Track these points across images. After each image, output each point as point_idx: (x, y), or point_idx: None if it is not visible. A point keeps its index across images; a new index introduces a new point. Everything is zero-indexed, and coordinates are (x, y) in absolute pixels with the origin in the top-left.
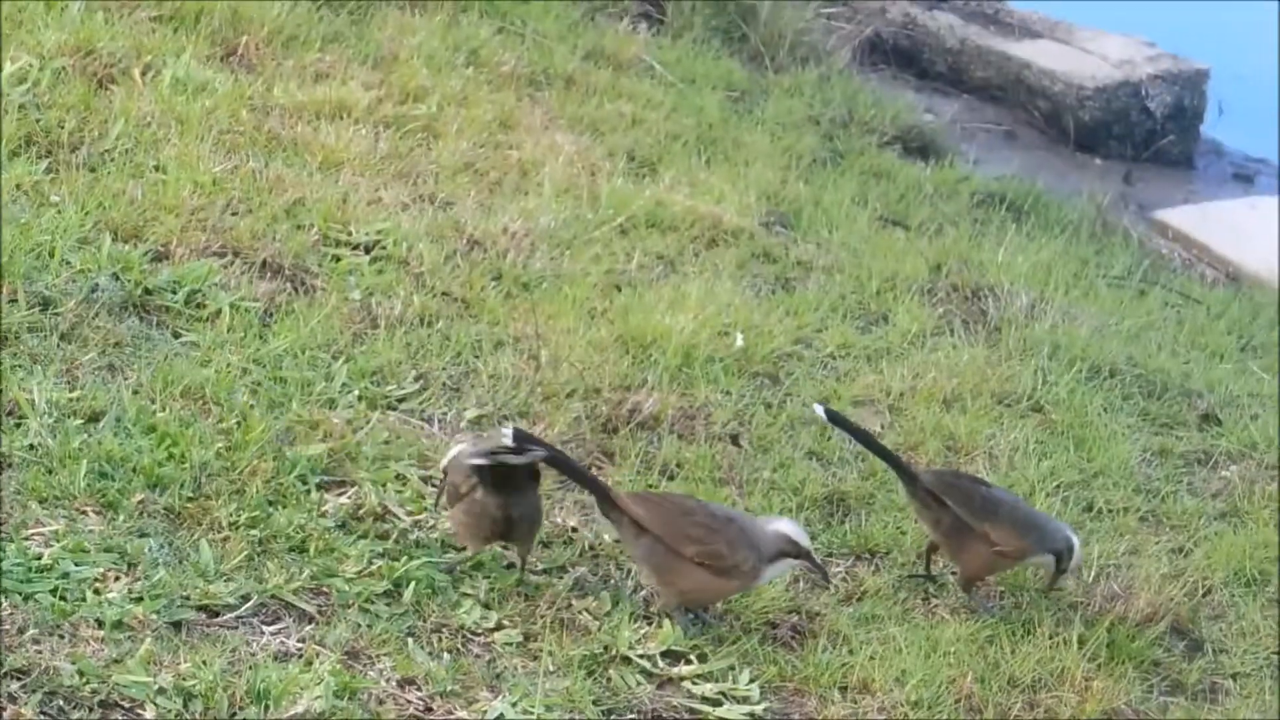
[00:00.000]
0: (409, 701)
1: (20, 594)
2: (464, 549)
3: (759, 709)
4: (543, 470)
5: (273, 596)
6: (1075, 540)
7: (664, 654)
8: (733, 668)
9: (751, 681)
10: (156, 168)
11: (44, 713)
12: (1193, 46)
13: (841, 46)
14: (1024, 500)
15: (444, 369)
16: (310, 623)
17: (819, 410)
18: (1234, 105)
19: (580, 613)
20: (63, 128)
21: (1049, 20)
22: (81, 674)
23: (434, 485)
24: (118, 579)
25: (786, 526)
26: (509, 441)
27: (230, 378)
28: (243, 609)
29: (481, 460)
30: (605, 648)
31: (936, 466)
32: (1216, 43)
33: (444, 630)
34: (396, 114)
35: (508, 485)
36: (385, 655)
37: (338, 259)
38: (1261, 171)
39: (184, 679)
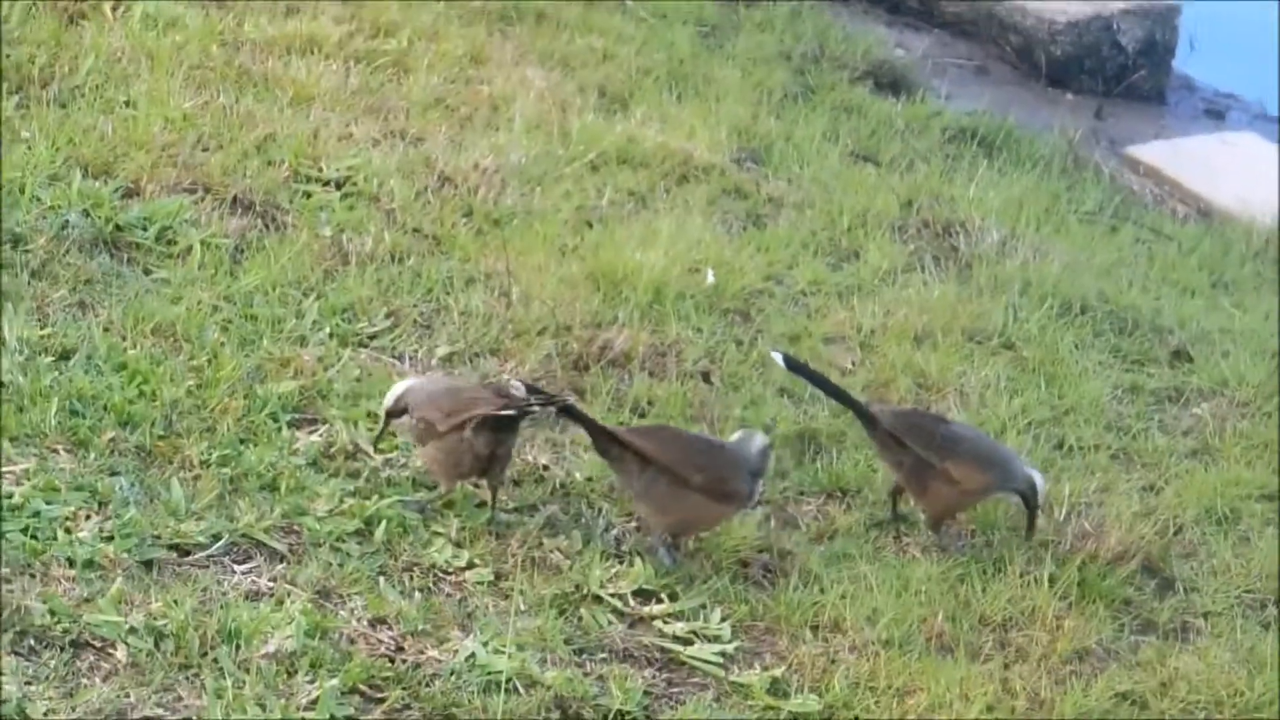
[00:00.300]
0: (380, 641)
1: None
2: (435, 486)
3: (730, 648)
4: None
5: (244, 535)
6: (1038, 477)
7: (635, 593)
8: (704, 607)
9: (723, 620)
10: (127, 103)
11: (15, 652)
12: None
13: None
14: (986, 435)
15: (415, 306)
16: (281, 561)
17: (777, 358)
18: (1205, 40)
19: (551, 551)
20: (33, 63)
21: None
22: (53, 613)
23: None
24: (89, 518)
25: (762, 441)
26: (520, 393)
27: (201, 315)
28: (214, 548)
29: (505, 409)
30: (576, 586)
31: (897, 406)
32: None
33: (415, 569)
34: (367, 49)
35: (501, 428)
36: (356, 594)
37: (308, 195)
38: (1233, 107)
39: (155, 618)
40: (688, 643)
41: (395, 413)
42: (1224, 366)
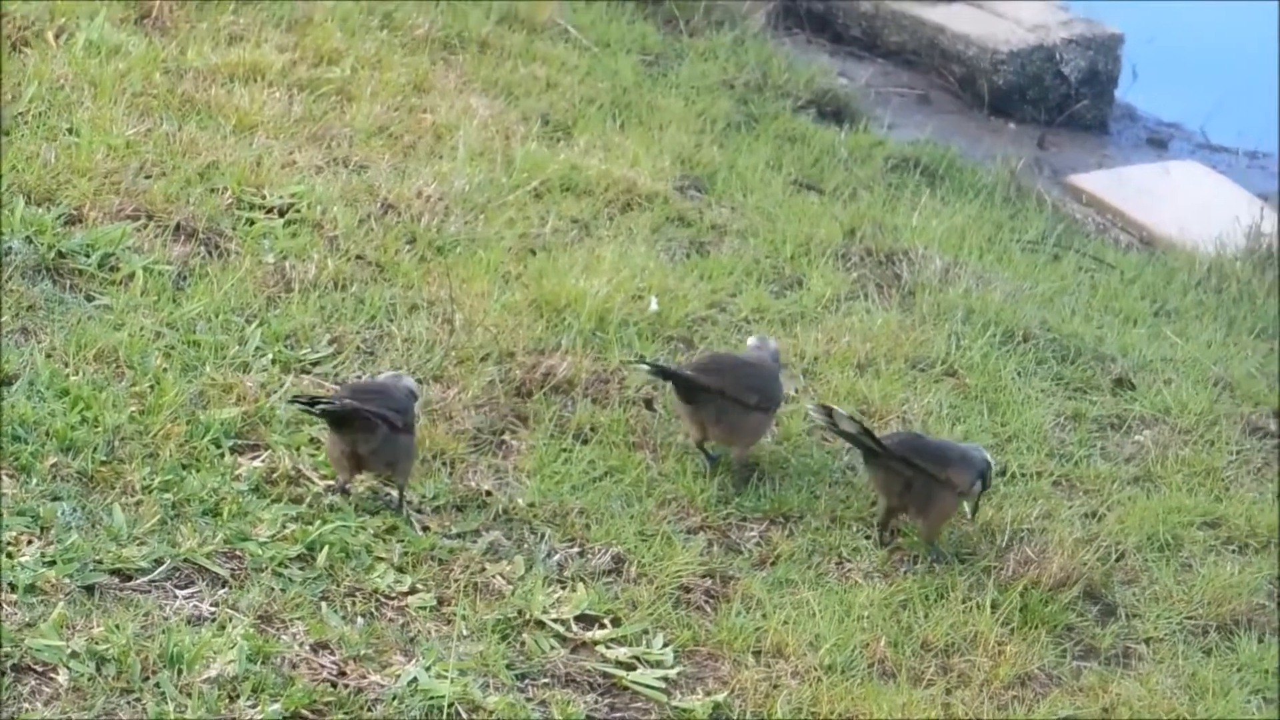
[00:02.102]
0: (322, 665)
1: None
2: (376, 512)
3: (673, 673)
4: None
5: (186, 560)
6: (986, 454)
7: (578, 618)
8: (646, 632)
9: (665, 645)
10: (70, 131)
11: None
12: (1107, 10)
13: (756, 10)
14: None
15: (358, 332)
16: (223, 586)
17: (812, 411)
18: (1148, 70)
19: (494, 577)
20: None
21: None
22: None
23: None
24: (30, 542)
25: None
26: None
27: (144, 341)
28: (156, 573)
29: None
30: (519, 612)
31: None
32: (1131, 7)
33: (358, 594)
34: (310, 77)
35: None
36: (298, 619)
37: (252, 222)
38: (1175, 136)
39: (97, 643)
40: (630, 668)
41: None
42: (1166, 394)
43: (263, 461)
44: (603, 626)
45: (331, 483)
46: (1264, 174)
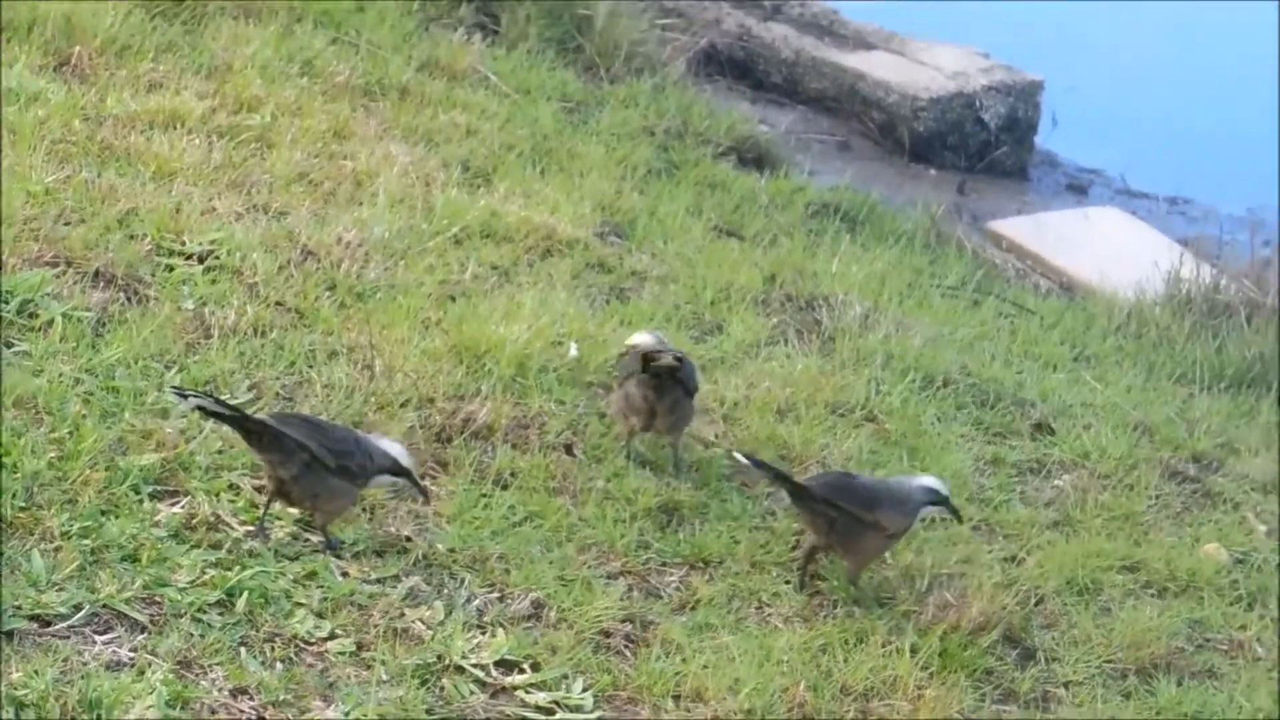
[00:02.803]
0: (241, 711)
1: None
2: (296, 557)
3: (592, 718)
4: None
5: (105, 606)
6: (930, 480)
7: (497, 663)
8: (566, 676)
9: (585, 690)
10: None
11: None
12: (1027, 58)
13: (677, 57)
14: (878, 478)
15: (278, 378)
16: (143, 632)
17: (739, 457)
18: (1068, 116)
19: (414, 622)
20: None
21: (884, 32)
22: None
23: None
24: None
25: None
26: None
27: (63, 387)
28: (75, 618)
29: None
30: (438, 657)
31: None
32: (1051, 54)
33: (277, 639)
34: (230, 124)
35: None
36: (218, 665)
37: (171, 269)
38: (1095, 182)
39: (16, 688)
40: (550, 713)
41: None
42: (1085, 439)
43: (182, 507)
44: (522, 671)
45: (251, 528)
46: (1184, 220)
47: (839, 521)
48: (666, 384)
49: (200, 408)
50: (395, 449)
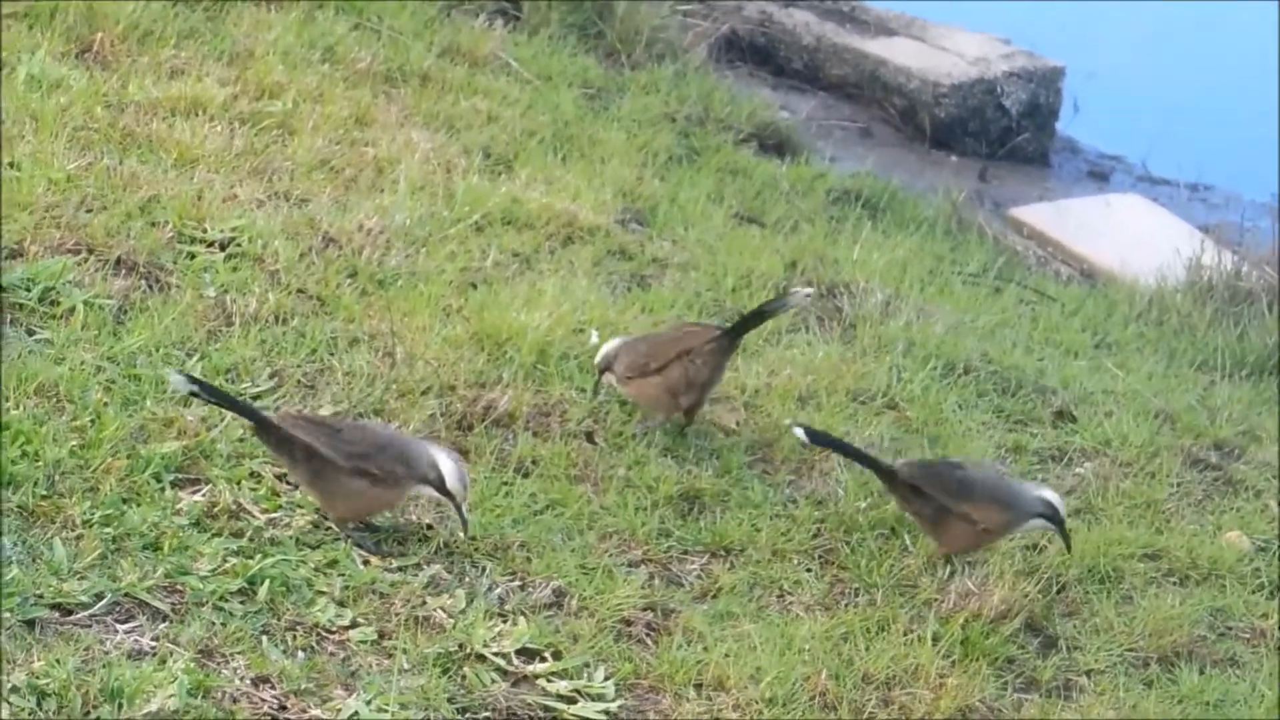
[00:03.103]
0: (263, 700)
1: None
2: (317, 545)
3: (613, 706)
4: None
5: (126, 595)
6: (1049, 494)
7: (519, 651)
8: (587, 665)
9: (606, 679)
10: (11, 165)
11: None
12: (1048, 44)
13: (698, 44)
14: (1000, 473)
15: (299, 366)
16: (164, 621)
17: (799, 433)
18: (1089, 102)
19: (435, 610)
20: None
21: (905, 18)
22: None
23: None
24: None
25: None
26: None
27: (84, 375)
28: (96, 607)
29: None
30: (460, 645)
31: (912, 459)
32: (1071, 40)
33: (298, 628)
34: (252, 110)
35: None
36: (239, 653)
37: (192, 256)
38: (1116, 168)
39: (37, 677)
40: (571, 701)
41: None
42: (1107, 427)
43: (203, 496)
44: (544, 660)
45: (274, 516)
46: (1205, 206)
47: (924, 507)
48: (732, 349)
49: (194, 393)
50: (447, 465)
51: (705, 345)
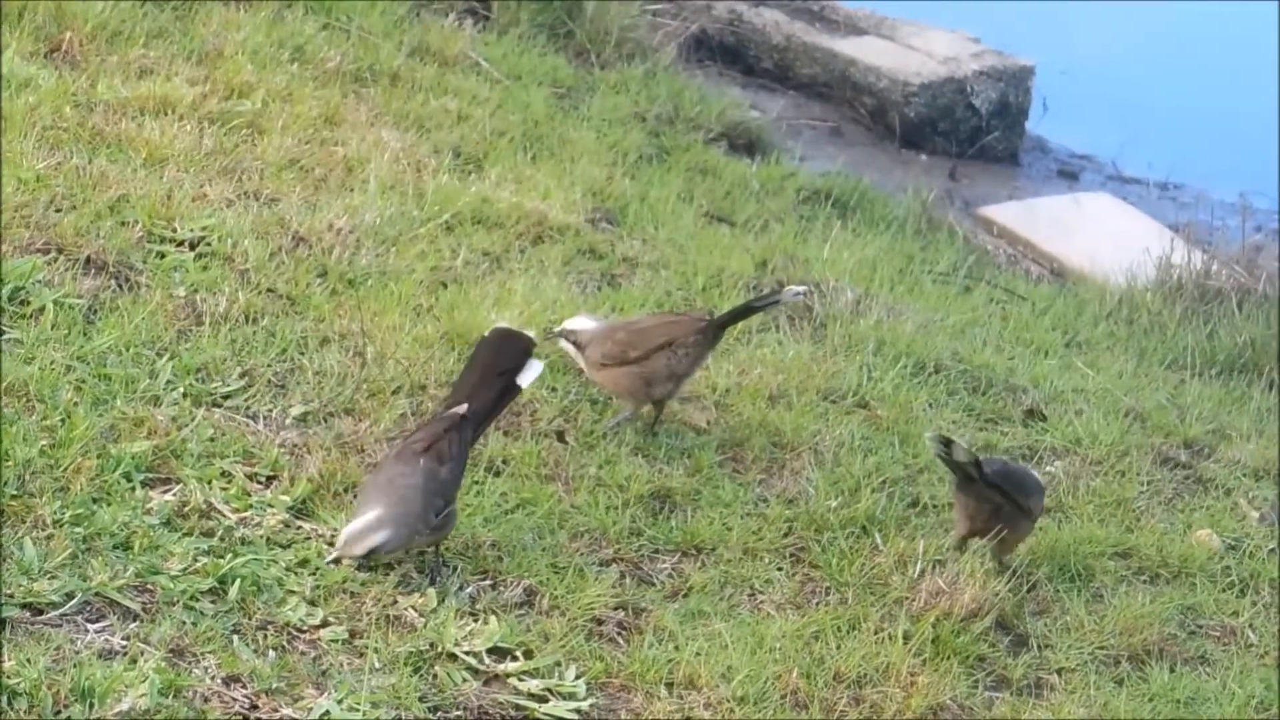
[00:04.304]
0: (234, 699)
1: None
2: (288, 545)
3: (585, 705)
4: None
5: (97, 594)
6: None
7: (490, 650)
8: (559, 664)
9: (578, 678)
10: None
11: None
12: (1018, 43)
13: (667, 43)
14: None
15: (269, 365)
16: (135, 620)
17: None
18: (1059, 102)
19: (406, 609)
20: None
21: (875, 16)
22: None
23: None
24: None
25: None
26: None
27: (54, 375)
28: (67, 607)
29: None
30: (431, 644)
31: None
32: (1041, 39)
33: (269, 627)
34: (221, 110)
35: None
36: (210, 653)
37: (162, 255)
38: (1086, 167)
39: (7, 677)
40: (542, 700)
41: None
42: (1077, 425)
43: (174, 495)
44: (515, 659)
45: (245, 515)
46: (1175, 205)
47: (1005, 508)
48: (715, 341)
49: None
50: None
51: (690, 337)
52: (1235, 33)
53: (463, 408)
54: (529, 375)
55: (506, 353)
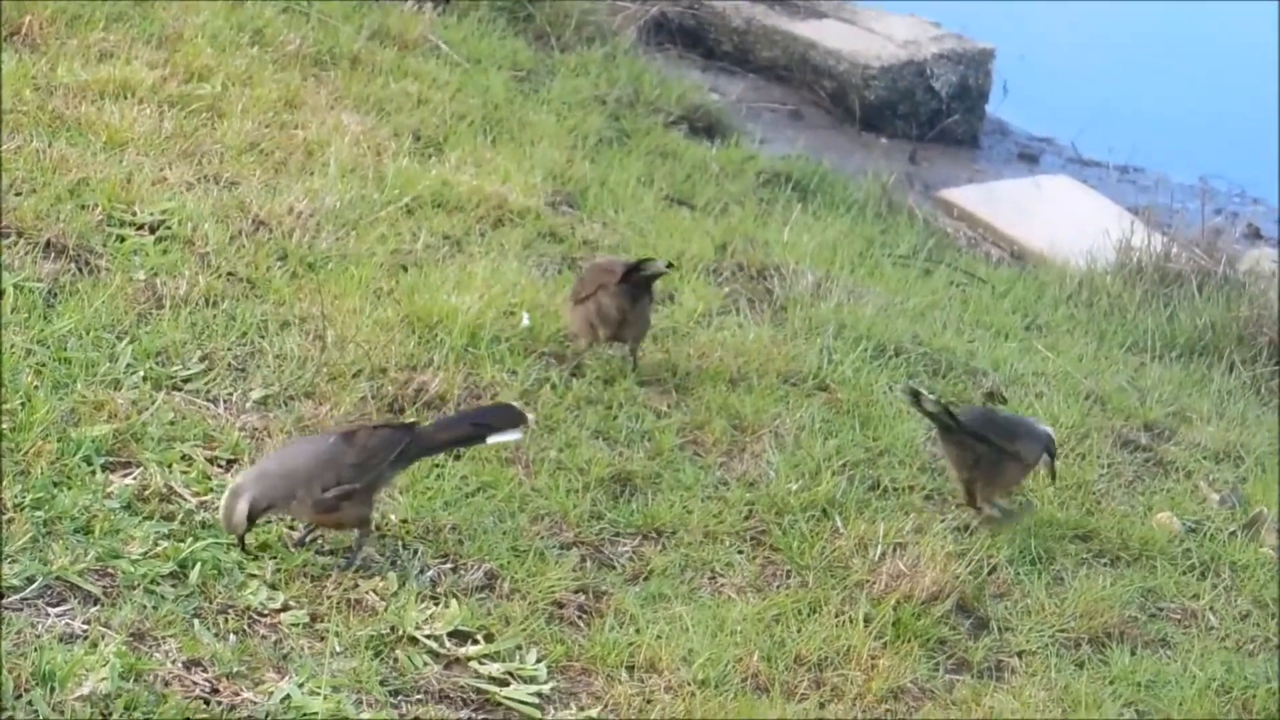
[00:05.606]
0: (195, 683)
1: None
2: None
3: (546, 688)
4: None
5: (58, 578)
6: (1052, 433)
7: (451, 634)
8: (519, 647)
9: (539, 661)
10: None
11: None
12: (977, 26)
13: (627, 26)
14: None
15: (229, 349)
16: (96, 604)
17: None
18: (1018, 85)
19: (367, 593)
20: None
21: (834, 1)
22: None
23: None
24: None
25: None
26: None
27: (14, 359)
28: (27, 590)
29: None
30: (392, 628)
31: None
32: (1001, 22)
33: (230, 611)
34: (181, 93)
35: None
36: (171, 636)
37: (122, 239)
38: (1046, 150)
39: None
40: (503, 683)
41: None
42: (1037, 408)
43: (134, 479)
44: (475, 642)
45: (205, 499)
46: (1134, 188)
47: (985, 454)
48: (641, 292)
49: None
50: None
51: (612, 284)
52: (1192, 17)
53: (412, 420)
54: (500, 438)
55: (502, 418)
